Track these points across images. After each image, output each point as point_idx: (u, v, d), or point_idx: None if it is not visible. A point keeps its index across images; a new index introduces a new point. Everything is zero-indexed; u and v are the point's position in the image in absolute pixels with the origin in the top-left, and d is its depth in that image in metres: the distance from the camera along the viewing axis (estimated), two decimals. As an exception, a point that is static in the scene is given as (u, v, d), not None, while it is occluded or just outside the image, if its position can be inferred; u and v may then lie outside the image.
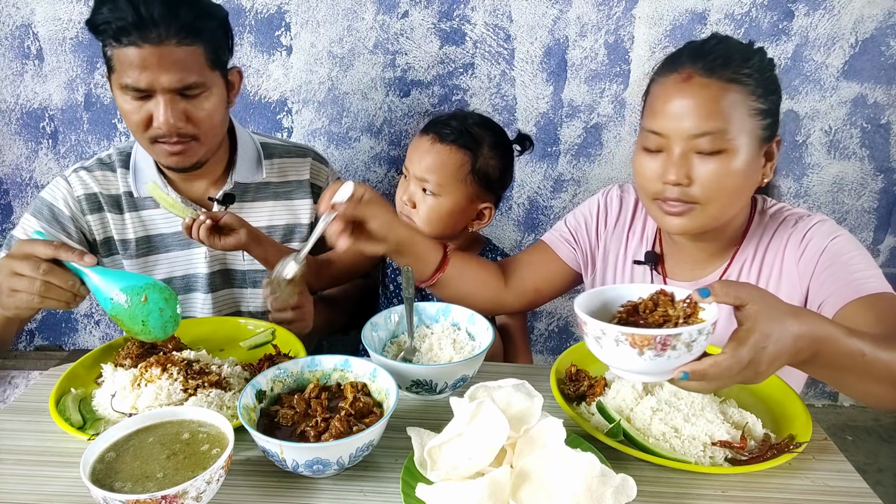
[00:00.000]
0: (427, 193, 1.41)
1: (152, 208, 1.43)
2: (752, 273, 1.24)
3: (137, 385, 1.01)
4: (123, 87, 1.21)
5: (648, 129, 1.13)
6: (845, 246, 1.15)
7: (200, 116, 1.27)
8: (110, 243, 1.44)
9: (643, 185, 1.17)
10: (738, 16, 1.92)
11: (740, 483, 0.89)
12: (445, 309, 1.21)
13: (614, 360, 0.83)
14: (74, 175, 1.41)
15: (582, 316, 0.84)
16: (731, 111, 1.07)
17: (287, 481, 0.89)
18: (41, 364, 2.10)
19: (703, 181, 1.09)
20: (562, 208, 2.17)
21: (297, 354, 1.14)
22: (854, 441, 2.38)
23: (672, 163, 1.10)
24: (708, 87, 1.07)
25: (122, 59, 1.19)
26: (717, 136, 1.07)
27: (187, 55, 1.21)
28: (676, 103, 1.09)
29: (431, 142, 1.40)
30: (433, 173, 1.39)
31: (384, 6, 1.92)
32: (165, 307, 1.05)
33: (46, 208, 1.38)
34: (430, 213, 1.41)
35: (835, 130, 2.06)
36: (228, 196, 1.43)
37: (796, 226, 1.22)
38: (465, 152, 1.39)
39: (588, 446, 0.89)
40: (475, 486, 0.75)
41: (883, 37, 1.94)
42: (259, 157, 1.49)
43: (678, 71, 1.11)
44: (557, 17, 1.94)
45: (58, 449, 0.95)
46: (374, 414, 0.93)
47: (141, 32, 1.16)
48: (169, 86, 1.21)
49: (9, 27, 1.98)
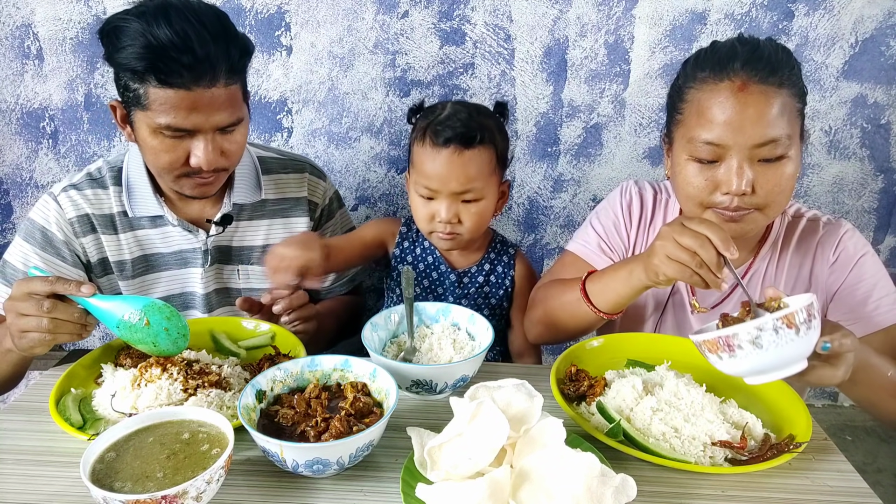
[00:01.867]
0: (470, 202, 1.33)
1: (148, 228, 1.39)
2: (778, 271, 1.27)
3: (137, 385, 1.01)
4: (162, 127, 1.15)
5: (703, 139, 1.10)
6: (871, 268, 1.21)
7: (234, 149, 1.25)
8: (105, 264, 1.40)
9: (695, 195, 1.14)
10: (738, 16, 1.92)
11: (740, 483, 0.89)
12: (445, 309, 1.21)
13: (776, 355, 0.84)
14: (64, 195, 1.35)
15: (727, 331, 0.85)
16: (787, 116, 1.07)
17: (287, 481, 0.89)
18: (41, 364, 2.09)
19: (766, 188, 1.09)
20: (562, 208, 2.17)
21: (297, 355, 1.14)
22: (854, 441, 2.38)
23: (734, 173, 1.08)
24: (766, 94, 1.06)
25: (164, 101, 1.12)
26: (780, 142, 1.07)
27: (231, 94, 1.18)
28: (736, 113, 1.07)
29: (455, 152, 1.28)
30: (473, 181, 1.30)
31: (384, 6, 1.92)
32: (170, 325, 1.04)
33: (38, 232, 1.34)
34: (477, 219, 1.34)
35: (835, 130, 2.06)
36: (226, 217, 1.40)
37: (826, 229, 1.25)
38: (489, 146, 1.31)
39: (588, 446, 0.89)
40: (475, 486, 0.75)
41: (883, 37, 1.94)
42: (257, 174, 1.45)
43: (731, 78, 1.08)
44: (557, 17, 1.93)
45: (58, 449, 0.95)
46: (374, 414, 0.93)
47: (195, 75, 1.10)
48: (216, 126, 1.17)
49: (9, 27, 1.97)
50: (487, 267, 1.47)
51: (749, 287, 1.28)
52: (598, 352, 1.16)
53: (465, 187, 1.30)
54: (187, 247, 1.42)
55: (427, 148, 1.30)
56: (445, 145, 1.27)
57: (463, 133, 1.27)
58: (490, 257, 1.48)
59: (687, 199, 1.18)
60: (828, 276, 1.24)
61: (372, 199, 2.14)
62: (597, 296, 1.16)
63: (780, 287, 1.26)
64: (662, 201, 1.38)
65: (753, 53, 1.08)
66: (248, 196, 1.43)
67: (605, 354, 1.16)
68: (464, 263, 1.47)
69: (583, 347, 1.16)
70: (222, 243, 1.44)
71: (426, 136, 1.30)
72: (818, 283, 1.25)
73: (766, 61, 1.07)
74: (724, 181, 1.09)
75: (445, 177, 1.29)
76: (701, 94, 1.11)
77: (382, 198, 2.14)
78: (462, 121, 1.29)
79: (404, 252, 1.48)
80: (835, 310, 1.23)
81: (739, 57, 1.08)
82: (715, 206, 1.12)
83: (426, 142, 1.30)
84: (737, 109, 1.07)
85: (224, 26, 1.15)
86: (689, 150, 1.13)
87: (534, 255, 2.25)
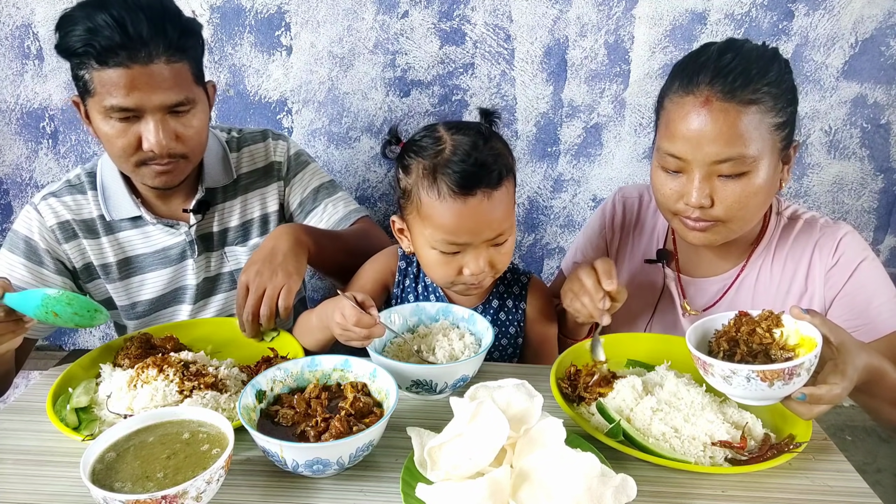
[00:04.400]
0: (500, 245, 1.16)
1: (129, 229, 1.40)
2: (772, 274, 1.26)
3: (133, 386, 1.00)
4: (108, 109, 1.17)
5: (667, 151, 1.11)
6: (871, 272, 1.20)
7: (190, 134, 1.25)
8: (91, 269, 1.41)
9: (663, 202, 1.17)
10: (738, 16, 1.92)
11: (740, 483, 0.89)
12: (445, 309, 1.21)
13: (743, 393, 0.90)
14: (44, 203, 1.36)
15: (706, 359, 0.91)
16: (752, 133, 1.05)
17: (287, 481, 0.89)
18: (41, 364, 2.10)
19: (726, 202, 1.09)
20: (562, 208, 2.17)
21: (295, 356, 1.14)
22: (853, 441, 2.38)
23: (693, 186, 1.09)
24: (727, 111, 1.04)
25: (107, 81, 1.15)
26: (739, 160, 1.06)
27: (176, 72, 1.19)
28: (695, 128, 1.06)
29: (484, 198, 1.09)
30: (504, 221, 1.13)
31: (384, 6, 1.92)
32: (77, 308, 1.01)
33: (22, 242, 1.34)
34: (508, 258, 1.19)
35: (835, 130, 2.06)
36: (202, 203, 1.41)
37: (823, 232, 1.23)
38: (508, 177, 1.14)
39: (588, 446, 0.89)
40: (475, 486, 0.75)
41: (883, 37, 1.94)
42: (225, 155, 1.46)
43: (695, 93, 1.07)
44: (557, 17, 1.93)
45: (58, 449, 0.95)
46: (374, 414, 0.93)
47: (129, 52, 1.13)
48: (160, 104, 1.18)
49: (9, 27, 1.97)
50: (496, 304, 1.31)
51: (742, 290, 1.28)
52: (598, 352, 1.16)
53: (497, 231, 1.12)
54: (170, 243, 1.42)
55: (447, 199, 1.09)
56: (471, 192, 1.08)
57: (492, 173, 1.09)
58: (498, 291, 1.32)
59: (659, 206, 1.22)
60: (825, 281, 1.22)
61: (372, 199, 2.14)
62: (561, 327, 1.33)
63: (773, 292, 1.26)
64: (650, 207, 1.41)
65: (722, 69, 1.05)
66: (220, 179, 1.44)
67: (606, 354, 1.16)
68: (470, 302, 1.29)
69: (583, 347, 1.16)
70: (205, 231, 1.45)
71: (439, 183, 1.09)
72: (814, 288, 1.23)
73: (736, 77, 1.04)
74: (684, 192, 1.12)
75: (477, 228, 1.10)
76: (671, 105, 1.12)
77: (382, 198, 2.14)
78: (484, 157, 1.09)
79: (405, 291, 1.33)
80: (836, 316, 1.20)
81: (708, 71, 1.06)
82: (680, 213, 1.15)
83: (442, 190, 1.09)
84: (696, 125, 1.06)
85: (163, 7, 1.19)
86: (657, 159, 1.16)
87: (534, 255, 2.25)
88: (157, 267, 1.43)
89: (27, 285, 1.30)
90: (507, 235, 1.15)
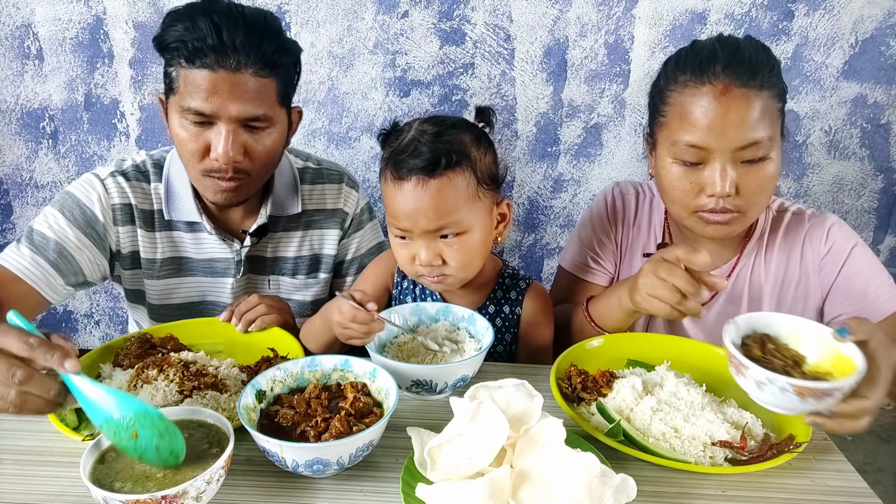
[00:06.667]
0: (450, 238, 1.12)
1: (184, 231, 1.37)
2: (767, 267, 1.28)
3: (134, 387, 1.00)
4: (185, 110, 1.15)
5: (687, 143, 1.11)
6: (863, 258, 1.22)
7: (259, 152, 1.22)
8: (135, 258, 1.37)
9: (680, 198, 1.16)
10: (738, 16, 1.92)
11: (740, 483, 0.89)
12: (445, 309, 1.21)
13: (772, 400, 0.87)
14: (111, 180, 1.32)
15: (744, 360, 0.88)
16: (768, 117, 1.09)
17: (287, 481, 0.89)
18: (41, 364, 2.09)
19: (749, 189, 1.11)
20: (562, 208, 2.17)
21: (295, 356, 1.14)
22: (853, 441, 2.38)
23: (718, 175, 1.10)
24: (747, 97, 1.08)
25: (190, 81, 1.14)
26: (762, 144, 1.08)
27: (260, 87, 1.17)
28: (718, 116, 1.08)
29: (418, 184, 1.08)
30: (447, 215, 1.10)
31: (384, 6, 1.92)
32: (161, 444, 0.80)
33: (78, 208, 1.29)
34: (466, 256, 1.14)
35: (835, 130, 2.06)
36: (262, 229, 1.39)
37: (812, 222, 1.27)
38: (463, 168, 1.10)
39: (588, 446, 0.89)
40: (475, 486, 0.75)
41: (883, 37, 1.94)
42: (296, 184, 1.43)
43: (712, 82, 1.09)
44: (557, 17, 1.94)
45: (57, 449, 0.95)
46: (374, 414, 0.93)
47: (219, 56, 1.12)
48: (237, 115, 1.16)
49: (9, 27, 1.98)
50: (492, 308, 1.28)
51: (738, 282, 1.29)
52: (598, 352, 1.16)
53: (437, 223, 1.10)
54: (220, 256, 1.40)
55: (389, 182, 1.13)
56: (406, 177, 1.09)
57: (426, 161, 1.08)
58: (496, 296, 1.28)
59: (673, 203, 1.20)
60: (819, 270, 1.25)
61: (372, 200, 2.14)
62: (601, 319, 1.22)
63: (769, 282, 1.27)
64: (646, 202, 1.40)
65: (734, 56, 1.09)
66: (286, 208, 1.41)
67: (606, 354, 1.16)
68: (466, 305, 1.24)
69: (583, 347, 1.16)
70: (256, 254, 1.43)
71: (388, 169, 1.13)
72: (809, 278, 1.26)
73: (748, 64, 1.08)
74: (708, 183, 1.12)
75: (412, 214, 1.10)
76: (683, 98, 1.13)
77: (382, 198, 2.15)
78: (425, 143, 1.09)
79: (403, 293, 1.32)
80: (837, 303, 1.23)
81: (720, 60, 1.09)
82: (700, 208, 1.14)
83: (388, 175, 1.13)
84: (719, 113, 1.08)
85: (265, 22, 1.18)
86: (673, 153, 1.15)
87: (534, 255, 2.25)
88: (198, 274, 1.41)
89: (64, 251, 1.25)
90: (457, 230, 1.11)
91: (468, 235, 1.13)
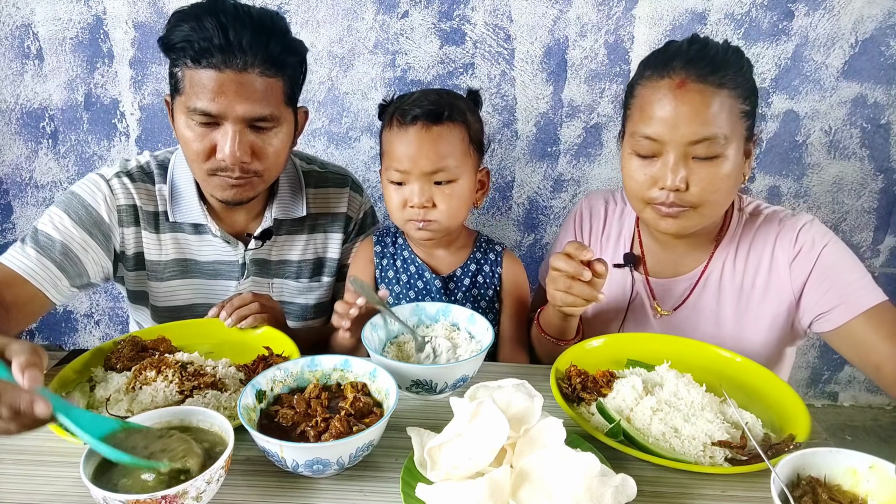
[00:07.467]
0: (443, 184, 1.25)
1: (189, 233, 1.37)
2: (736, 269, 1.28)
3: (132, 388, 1.00)
4: (191, 110, 1.15)
5: (642, 134, 1.13)
6: (837, 254, 1.20)
7: (268, 152, 1.22)
8: (140, 260, 1.37)
9: (636, 190, 1.18)
10: (738, 16, 1.92)
11: (740, 483, 0.89)
12: (445, 309, 1.21)
13: None
14: (117, 181, 1.31)
15: None
16: (724, 116, 1.09)
17: (287, 481, 0.89)
18: (41, 364, 2.09)
19: (699, 186, 1.12)
20: (562, 208, 2.17)
21: (291, 356, 1.14)
22: (853, 441, 2.39)
23: (669, 169, 1.11)
24: (702, 92, 1.09)
25: (196, 82, 1.13)
26: (714, 141, 1.09)
27: (267, 86, 1.16)
28: (672, 109, 1.10)
29: (422, 128, 1.23)
30: (445, 158, 1.23)
31: (384, 6, 1.92)
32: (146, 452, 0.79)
33: (84, 210, 1.29)
34: (454, 202, 1.27)
35: (835, 130, 2.06)
36: (266, 232, 1.38)
37: (783, 224, 1.26)
38: (459, 123, 1.25)
39: (588, 446, 0.89)
40: (475, 486, 0.75)
41: (883, 37, 1.94)
42: (301, 187, 1.43)
43: (670, 76, 1.11)
44: (557, 17, 1.94)
45: (57, 449, 0.95)
46: (374, 414, 0.93)
47: (225, 56, 1.11)
48: (243, 115, 1.16)
49: (9, 27, 1.98)
50: (473, 267, 1.38)
51: (708, 287, 1.29)
52: (598, 352, 1.16)
53: (436, 165, 1.23)
54: (224, 258, 1.40)
55: (394, 129, 1.25)
56: (412, 123, 1.23)
57: (430, 110, 1.23)
58: (476, 257, 1.40)
59: (630, 195, 1.22)
60: (791, 272, 1.23)
61: (372, 200, 2.14)
62: (547, 327, 1.26)
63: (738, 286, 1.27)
64: (616, 211, 1.42)
65: (698, 53, 1.11)
66: (290, 211, 1.41)
67: (606, 354, 1.16)
68: (448, 266, 1.38)
69: (583, 347, 1.16)
70: (260, 257, 1.43)
71: (393, 119, 1.26)
72: (780, 281, 1.24)
73: (709, 60, 1.10)
74: (659, 176, 1.13)
75: (414, 155, 1.23)
76: (644, 91, 1.15)
77: (382, 198, 2.15)
78: (430, 99, 1.25)
79: (384, 270, 1.40)
80: (815, 301, 1.20)
81: (683, 56, 1.12)
82: (652, 201, 1.16)
83: (393, 124, 1.26)
84: (673, 106, 1.10)
85: (272, 22, 1.18)
86: (632, 145, 1.17)
87: (534, 255, 2.25)
88: (202, 276, 1.41)
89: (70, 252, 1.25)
90: (450, 177, 1.25)
91: (457, 184, 1.26)
